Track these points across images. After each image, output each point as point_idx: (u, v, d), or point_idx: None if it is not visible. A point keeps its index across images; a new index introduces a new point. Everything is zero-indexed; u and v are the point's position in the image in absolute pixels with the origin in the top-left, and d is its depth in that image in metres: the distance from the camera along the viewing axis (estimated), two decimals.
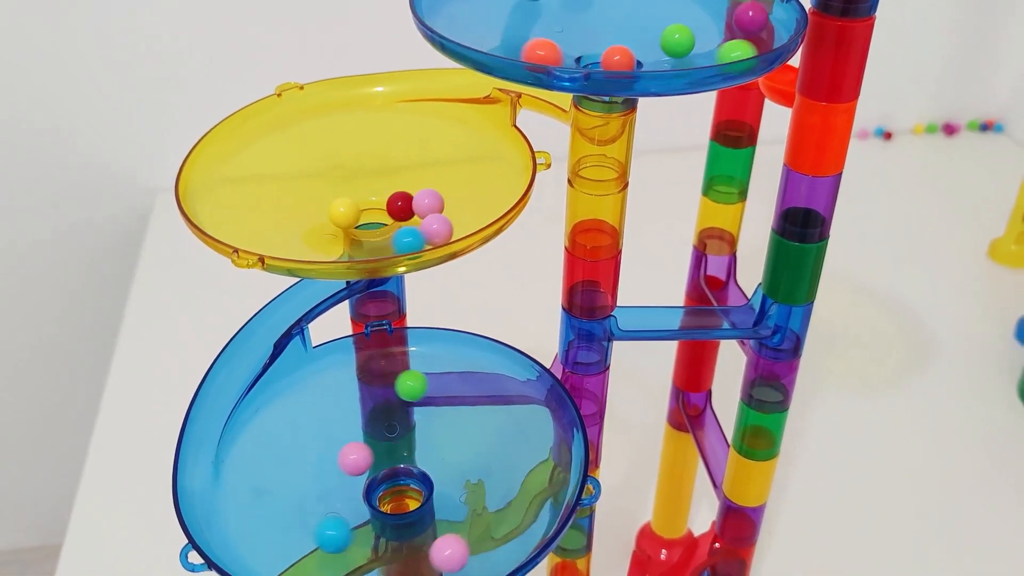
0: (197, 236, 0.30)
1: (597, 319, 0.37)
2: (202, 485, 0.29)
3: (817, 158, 0.34)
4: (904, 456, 0.65)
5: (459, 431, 0.37)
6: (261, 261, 0.28)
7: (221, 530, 0.28)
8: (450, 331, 0.35)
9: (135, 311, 0.78)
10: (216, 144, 0.34)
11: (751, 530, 0.45)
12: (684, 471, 0.53)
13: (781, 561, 0.58)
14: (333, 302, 0.34)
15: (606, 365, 0.39)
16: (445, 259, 0.29)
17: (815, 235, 0.36)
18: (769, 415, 0.41)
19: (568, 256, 0.36)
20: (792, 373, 0.40)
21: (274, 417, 0.32)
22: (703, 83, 0.27)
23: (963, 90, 1.02)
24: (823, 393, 0.70)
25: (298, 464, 0.31)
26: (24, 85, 0.85)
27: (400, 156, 0.35)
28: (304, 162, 0.35)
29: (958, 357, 0.73)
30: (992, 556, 0.58)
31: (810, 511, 0.61)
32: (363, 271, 0.29)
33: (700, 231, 0.46)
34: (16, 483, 1.08)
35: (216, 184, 0.33)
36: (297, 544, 0.29)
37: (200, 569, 0.27)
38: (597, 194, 0.34)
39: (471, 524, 0.45)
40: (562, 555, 0.45)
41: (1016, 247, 0.82)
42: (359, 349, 0.35)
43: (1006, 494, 0.62)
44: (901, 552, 0.58)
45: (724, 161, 0.43)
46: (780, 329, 0.39)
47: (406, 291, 0.37)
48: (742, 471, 0.43)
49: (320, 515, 0.30)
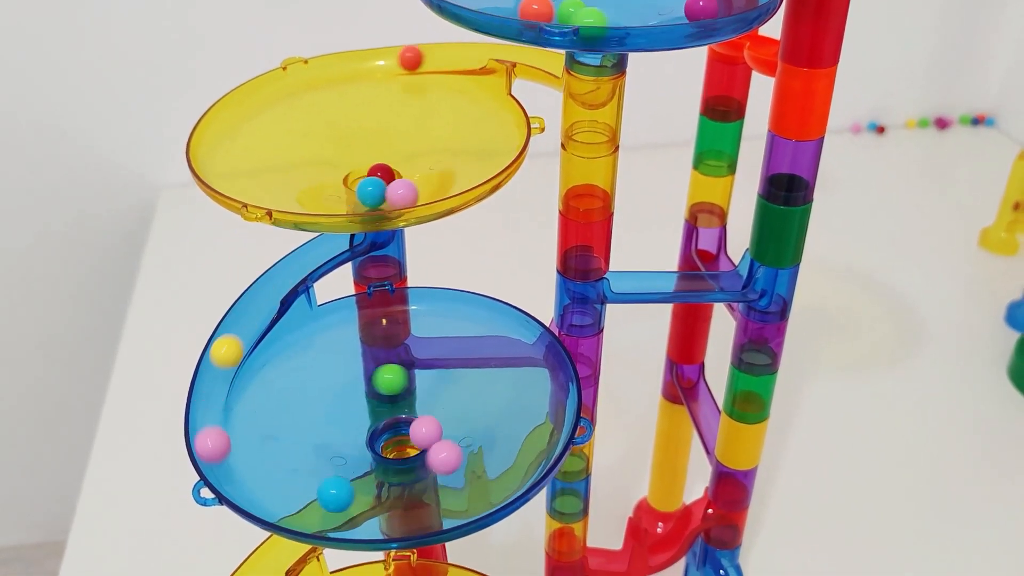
0: (208, 194, 0.31)
1: (591, 281, 0.39)
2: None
3: (800, 123, 0.36)
4: (896, 437, 0.66)
5: (459, 394, 0.38)
6: (269, 215, 0.30)
7: (230, 471, 0.30)
8: (451, 290, 0.37)
9: (139, 307, 0.79)
10: (225, 112, 0.36)
11: (743, 494, 0.47)
12: (679, 443, 0.54)
13: (772, 542, 0.59)
14: (337, 262, 0.36)
15: (600, 328, 0.40)
16: (443, 214, 0.31)
17: (800, 199, 0.38)
18: (758, 378, 0.42)
19: (562, 220, 0.38)
20: (780, 336, 0.41)
21: (281, 370, 0.34)
22: (690, 38, 0.28)
23: (955, 85, 1.03)
24: (816, 377, 0.71)
25: (304, 414, 0.33)
26: (28, 81, 0.87)
27: (401, 124, 0.37)
28: (309, 130, 0.37)
29: (950, 341, 0.75)
30: (982, 536, 0.59)
31: (802, 493, 0.62)
32: (365, 224, 0.31)
33: (691, 205, 0.47)
34: (20, 480, 1.08)
35: (225, 149, 0.35)
36: (303, 487, 0.31)
37: (211, 503, 0.28)
38: (589, 157, 0.35)
39: (470, 488, 0.47)
40: (560, 519, 0.47)
41: (1006, 235, 0.83)
42: (362, 308, 0.36)
43: (996, 474, 0.64)
44: (892, 532, 0.59)
45: (713, 135, 0.45)
46: (767, 292, 0.40)
47: (407, 256, 0.39)
48: (733, 435, 0.45)
49: (325, 460, 0.32)
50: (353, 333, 0.36)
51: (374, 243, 0.36)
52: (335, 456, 0.32)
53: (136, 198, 0.95)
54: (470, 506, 0.46)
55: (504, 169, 0.32)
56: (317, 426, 0.32)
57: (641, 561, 0.49)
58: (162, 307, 0.79)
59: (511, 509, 0.28)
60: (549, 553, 0.48)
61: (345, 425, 0.33)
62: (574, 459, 0.45)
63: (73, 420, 1.02)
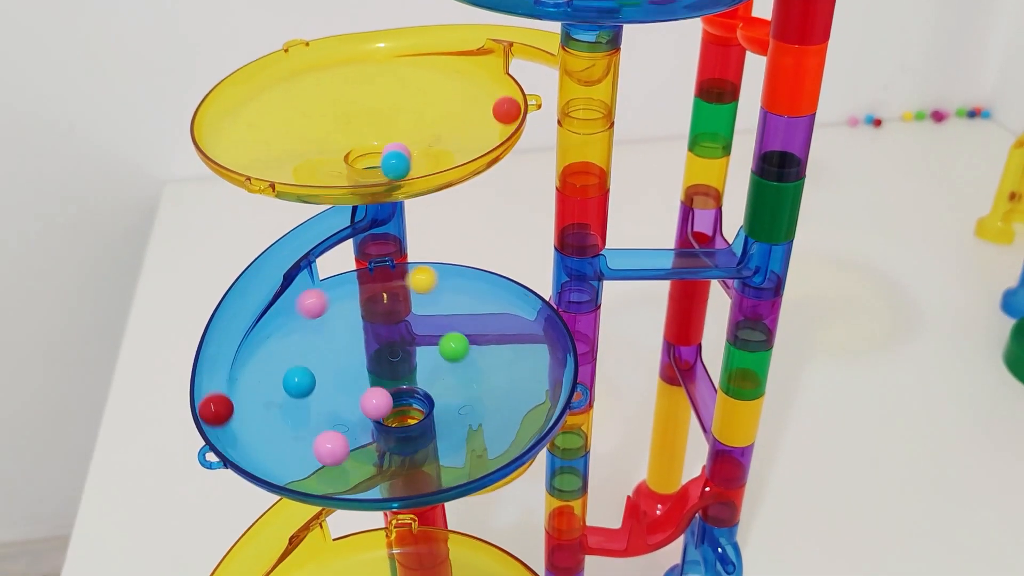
0: (212, 168, 0.32)
1: (588, 257, 0.39)
2: None
3: (792, 99, 0.36)
4: (894, 422, 0.67)
5: (459, 371, 0.39)
6: (272, 187, 0.31)
7: (234, 438, 0.30)
8: (451, 265, 0.37)
9: (143, 301, 0.80)
10: (228, 92, 0.37)
11: (740, 471, 0.47)
12: (677, 425, 0.55)
13: (771, 525, 0.59)
14: (339, 238, 0.36)
15: (597, 304, 0.41)
16: (442, 186, 0.32)
17: (792, 175, 0.38)
18: (754, 354, 0.43)
19: (559, 196, 0.38)
20: (774, 312, 0.42)
21: (284, 343, 0.34)
22: (689, 9, 0.29)
23: (951, 78, 1.04)
24: (814, 363, 0.72)
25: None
26: (31, 76, 0.87)
27: (401, 103, 0.38)
28: (310, 110, 0.37)
29: (947, 329, 0.75)
30: (978, 519, 0.60)
31: (800, 479, 0.62)
32: (366, 196, 0.31)
33: (687, 187, 0.48)
34: (25, 475, 1.09)
35: (228, 127, 0.35)
36: (306, 454, 0.31)
37: (216, 466, 0.29)
38: (585, 133, 0.36)
39: (470, 466, 0.47)
40: (559, 497, 0.47)
41: (1002, 224, 0.84)
42: (363, 284, 0.37)
43: (992, 457, 0.64)
44: (890, 515, 0.60)
45: (708, 117, 0.45)
46: (761, 269, 0.41)
47: (407, 234, 0.39)
48: (730, 412, 0.45)
49: (327, 428, 0.32)
50: (355, 308, 0.37)
51: (375, 220, 0.37)
52: (337, 424, 0.32)
53: (139, 192, 0.95)
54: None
55: (501, 143, 0.33)
56: (319, 395, 0.33)
57: (640, 539, 0.50)
58: (166, 301, 0.80)
59: (510, 469, 0.29)
60: (549, 531, 0.49)
61: (347, 395, 0.34)
62: (573, 436, 0.46)
63: (78, 413, 1.03)
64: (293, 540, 0.34)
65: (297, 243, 0.36)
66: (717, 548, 0.50)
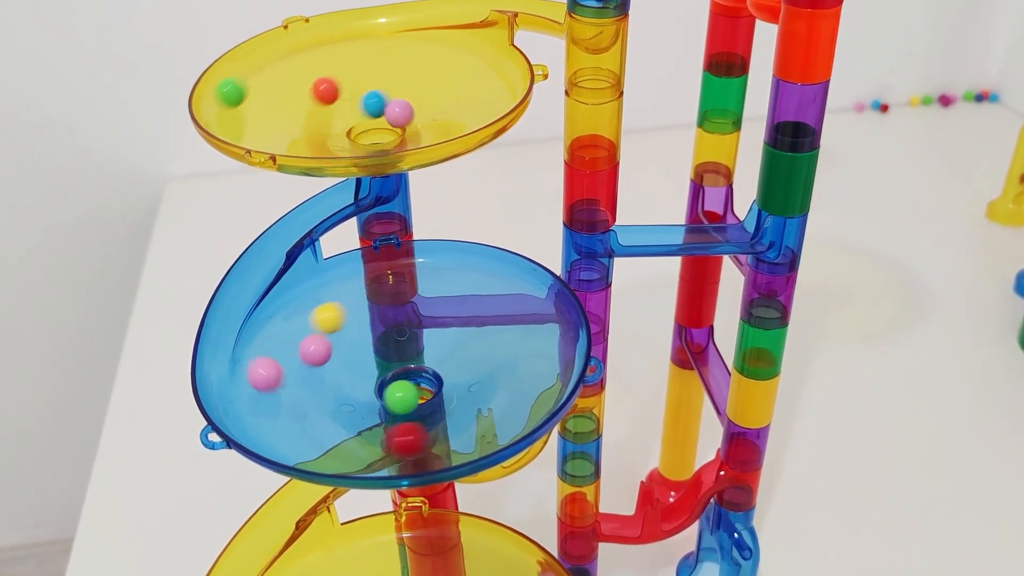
0: (210, 143, 0.31)
1: (598, 233, 0.38)
2: (219, 379, 0.31)
3: (805, 65, 0.35)
4: (909, 404, 0.66)
5: (468, 355, 0.38)
6: (273, 159, 0.30)
7: (238, 418, 0.29)
8: (458, 242, 0.36)
9: (144, 301, 0.79)
10: (226, 69, 0.36)
11: (756, 454, 0.46)
12: (689, 409, 0.54)
13: (786, 510, 0.58)
14: (342, 216, 0.35)
15: (608, 282, 0.40)
16: (447, 157, 0.31)
17: (807, 144, 0.37)
18: (769, 332, 0.42)
19: (568, 171, 0.37)
20: (789, 288, 0.41)
21: (287, 322, 0.34)
22: None
23: (958, 61, 1.03)
24: (827, 347, 0.71)
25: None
26: (31, 77, 0.87)
27: (404, 78, 0.37)
28: (310, 83, 0.36)
29: (960, 311, 0.74)
30: (996, 502, 0.59)
31: (815, 462, 0.62)
32: (369, 167, 0.30)
33: (696, 165, 0.47)
34: (32, 477, 1.09)
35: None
36: (312, 436, 0.31)
37: (219, 447, 0.28)
38: (593, 103, 0.35)
39: (480, 446, 0.46)
40: (571, 482, 0.46)
41: (1013, 206, 0.83)
42: (367, 263, 0.36)
43: (1010, 436, 0.63)
44: (906, 498, 0.59)
45: (718, 91, 0.44)
46: (776, 243, 0.40)
47: (412, 213, 0.38)
48: (745, 392, 0.44)
49: (333, 409, 0.31)
50: (359, 287, 0.36)
51: (379, 197, 0.36)
52: (343, 404, 0.31)
53: (140, 191, 0.95)
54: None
55: (508, 112, 0.32)
56: (324, 376, 0.32)
57: (655, 525, 0.49)
58: (167, 300, 0.79)
59: (523, 445, 0.28)
60: (562, 519, 0.48)
61: (353, 376, 0.33)
62: (584, 420, 0.45)
63: (82, 414, 1.02)
64: (300, 525, 0.33)
65: (300, 221, 0.35)
66: (733, 533, 0.49)
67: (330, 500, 0.33)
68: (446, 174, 0.40)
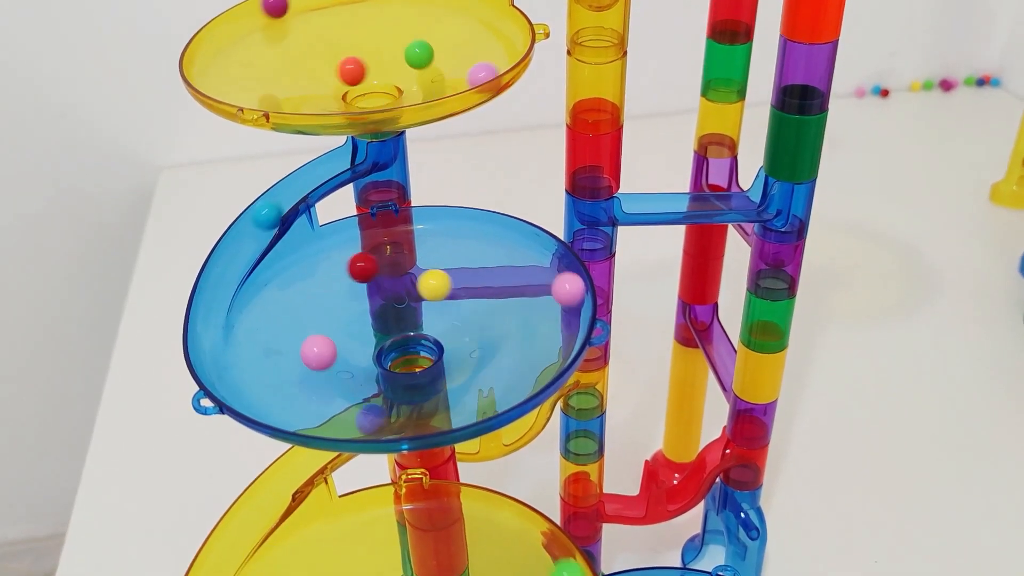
0: (201, 102, 0.30)
1: (601, 200, 0.37)
2: (213, 345, 0.30)
3: (813, 24, 0.34)
4: (916, 383, 0.65)
5: (469, 329, 0.37)
6: (266, 117, 0.29)
7: (233, 387, 0.28)
8: (459, 208, 0.35)
9: (139, 288, 0.78)
10: (218, 31, 0.35)
11: (762, 430, 0.45)
12: (694, 388, 0.53)
13: (792, 491, 0.57)
14: (338, 182, 0.34)
15: (612, 252, 0.39)
16: (445, 115, 0.30)
17: (815, 107, 0.36)
18: (776, 304, 0.41)
19: (570, 134, 0.36)
20: (797, 258, 0.40)
21: (283, 289, 0.33)
22: None
23: (959, 46, 1.02)
24: (833, 328, 0.70)
25: (308, 331, 0.31)
26: (26, 62, 0.86)
27: (403, 40, 0.36)
28: (307, 49, 0.35)
29: (965, 291, 0.74)
30: (1001, 479, 0.58)
31: (823, 442, 0.61)
32: (367, 125, 0.29)
33: (700, 136, 0.46)
34: (27, 472, 1.08)
35: (219, 67, 0.34)
36: (310, 402, 0.30)
37: (211, 412, 0.27)
38: (596, 63, 0.34)
39: (481, 413, 0.45)
40: (575, 461, 0.45)
41: (1017, 188, 0.82)
42: (365, 230, 0.35)
43: (1016, 414, 0.62)
44: (913, 477, 0.58)
45: (722, 59, 0.43)
46: (783, 211, 0.39)
47: (410, 180, 0.37)
48: (752, 366, 0.43)
49: (332, 375, 0.30)
50: (355, 252, 0.35)
51: (376, 163, 0.35)
52: (342, 371, 0.30)
53: (136, 179, 0.94)
54: (482, 446, 0.45)
55: (506, 71, 0.31)
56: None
57: (659, 506, 0.48)
58: (162, 288, 0.78)
59: (526, 408, 0.27)
60: (565, 499, 0.47)
61: (351, 343, 0.32)
62: (587, 396, 0.44)
63: (76, 406, 1.01)
64: (297, 496, 0.32)
65: (295, 186, 0.34)
66: (740, 513, 0.48)
67: (328, 471, 0.32)
68: (442, 170, 0.39)
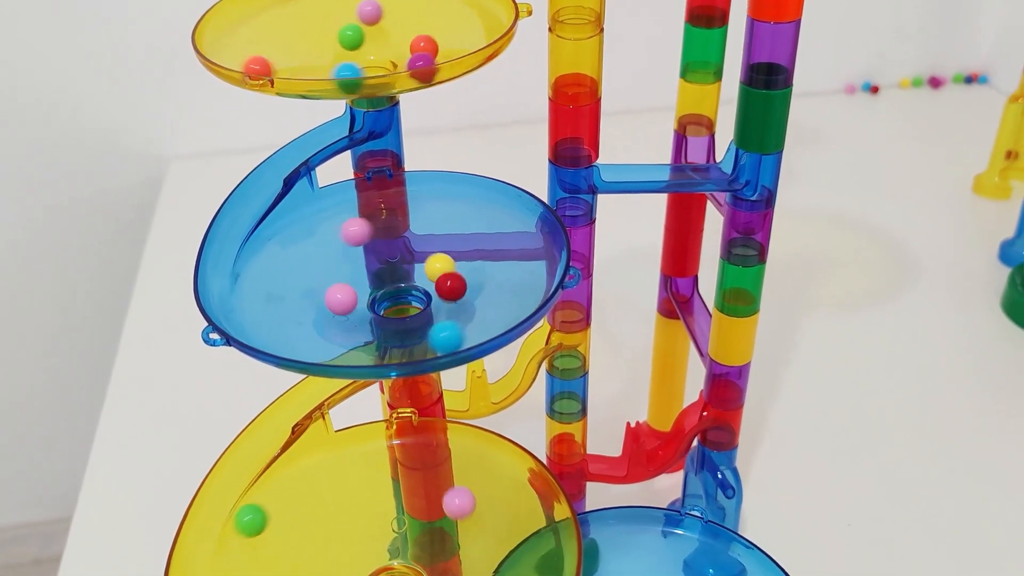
0: (210, 68, 0.33)
1: (581, 168, 0.40)
2: (220, 291, 0.32)
3: (777, 3, 0.37)
4: (895, 367, 0.68)
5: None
6: (271, 82, 0.32)
7: (238, 326, 0.31)
8: (449, 172, 0.38)
9: (147, 279, 0.80)
10: (228, 9, 0.38)
11: (736, 392, 0.48)
12: (676, 359, 0.56)
13: (768, 469, 0.60)
14: (337, 148, 0.37)
15: (592, 218, 0.42)
16: (439, 81, 0.33)
17: (780, 82, 0.39)
18: (748, 269, 0.44)
19: (552, 107, 0.39)
20: (766, 226, 0.43)
21: (285, 245, 0.35)
22: None
23: (947, 44, 1.05)
24: (815, 315, 0.72)
25: (307, 279, 0.34)
26: (34, 56, 0.88)
27: (398, 19, 0.39)
28: (310, 27, 0.38)
29: (946, 279, 0.76)
30: (979, 463, 0.60)
31: (801, 424, 0.63)
32: (368, 88, 0.32)
33: (680, 116, 0.49)
34: (34, 456, 1.10)
35: (228, 42, 0.36)
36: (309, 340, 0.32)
37: (219, 343, 0.29)
38: (575, 39, 0.37)
39: (471, 388, 0.48)
40: (560, 420, 0.48)
41: (999, 180, 0.85)
42: (361, 192, 0.38)
43: (994, 399, 0.65)
44: (891, 460, 0.60)
45: (699, 43, 0.46)
46: (752, 182, 0.41)
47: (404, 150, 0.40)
48: (726, 330, 0.46)
49: (329, 318, 0.33)
50: (352, 213, 0.38)
51: (372, 132, 0.38)
52: (338, 318, 0.33)
53: (144, 171, 0.96)
54: (471, 405, 0.48)
55: (496, 40, 0.34)
56: (320, 290, 0.33)
57: (640, 465, 0.50)
58: (169, 279, 0.79)
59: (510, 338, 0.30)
60: (550, 457, 0.50)
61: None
62: (570, 357, 0.47)
63: (84, 393, 1.03)
64: (296, 429, 0.35)
65: (297, 151, 0.37)
66: (717, 473, 0.50)
67: (325, 408, 0.35)
68: (438, 167, 0.41)
